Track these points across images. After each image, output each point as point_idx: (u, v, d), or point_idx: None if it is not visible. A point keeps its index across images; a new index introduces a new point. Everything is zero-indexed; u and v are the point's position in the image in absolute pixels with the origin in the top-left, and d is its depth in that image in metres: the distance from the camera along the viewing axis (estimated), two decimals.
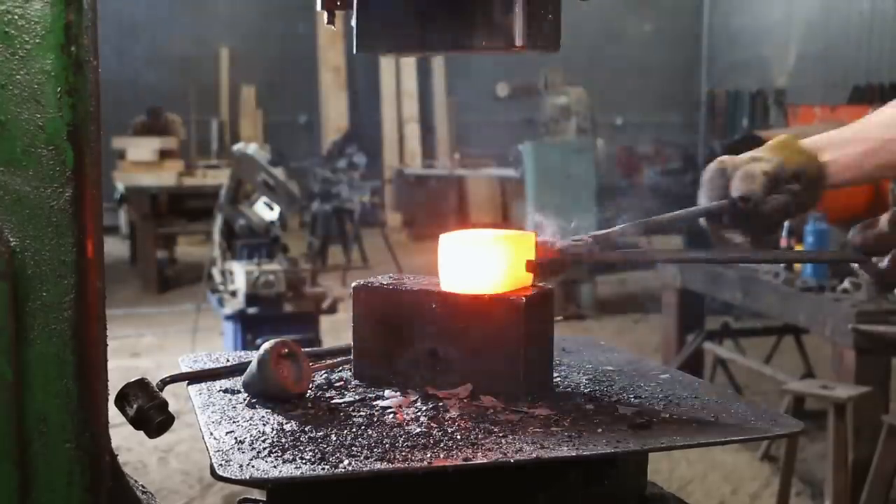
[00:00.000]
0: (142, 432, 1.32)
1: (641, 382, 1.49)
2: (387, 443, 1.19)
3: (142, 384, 1.33)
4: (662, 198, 9.29)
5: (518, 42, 1.36)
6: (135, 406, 1.31)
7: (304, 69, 15.00)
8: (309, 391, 1.41)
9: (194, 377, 1.49)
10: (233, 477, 1.10)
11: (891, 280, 1.42)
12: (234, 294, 5.43)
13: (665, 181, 10.24)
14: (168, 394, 1.37)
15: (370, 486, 1.19)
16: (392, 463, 1.13)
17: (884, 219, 1.41)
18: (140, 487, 1.30)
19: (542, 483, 1.25)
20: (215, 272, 5.90)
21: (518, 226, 1.49)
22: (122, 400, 1.32)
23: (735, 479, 4.73)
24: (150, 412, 1.30)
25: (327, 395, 1.41)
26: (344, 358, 1.58)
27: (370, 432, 1.23)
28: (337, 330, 6.61)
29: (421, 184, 13.38)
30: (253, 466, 1.12)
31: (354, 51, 1.40)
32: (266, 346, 1.40)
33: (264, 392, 1.39)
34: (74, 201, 1.06)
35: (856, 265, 1.47)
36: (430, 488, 1.22)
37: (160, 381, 1.41)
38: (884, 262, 1.38)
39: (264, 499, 1.32)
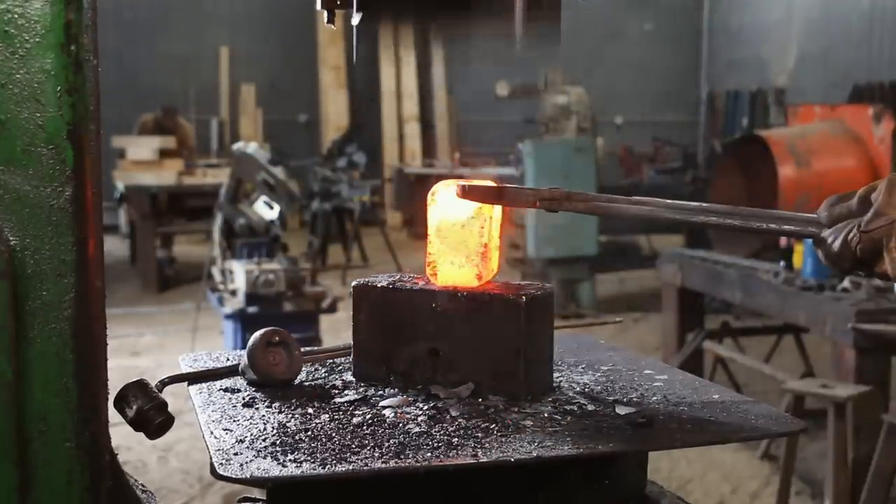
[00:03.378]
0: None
1: (641, 382, 1.48)
2: (387, 442, 1.19)
3: (140, 385, 1.32)
4: (662, 197, 9.29)
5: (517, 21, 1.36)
6: (134, 407, 1.30)
7: (304, 68, 15.00)
8: (309, 391, 1.41)
9: (193, 378, 1.49)
10: (233, 476, 1.09)
11: (839, 264, 1.27)
12: (234, 293, 5.43)
13: (665, 180, 10.26)
14: (168, 393, 1.36)
15: (370, 485, 1.19)
16: (392, 462, 1.13)
17: (858, 195, 1.27)
18: (140, 486, 1.30)
19: (542, 482, 1.25)
20: (215, 271, 5.90)
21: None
22: (122, 401, 1.31)
23: (735, 478, 4.73)
24: (150, 413, 1.30)
25: (328, 394, 1.40)
26: (338, 350, 1.59)
27: (370, 432, 1.23)
28: (337, 329, 6.61)
29: (421, 183, 13.35)
30: (253, 465, 1.12)
31: (353, 24, 1.39)
32: (256, 334, 1.44)
33: (255, 378, 1.43)
34: (74, 200, 1.05)
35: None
36: (431, 487, 1.22)
37: (159, 381, 1.40)
38: (836, 244, 1.25)
39: (264, 498, 1.31)
